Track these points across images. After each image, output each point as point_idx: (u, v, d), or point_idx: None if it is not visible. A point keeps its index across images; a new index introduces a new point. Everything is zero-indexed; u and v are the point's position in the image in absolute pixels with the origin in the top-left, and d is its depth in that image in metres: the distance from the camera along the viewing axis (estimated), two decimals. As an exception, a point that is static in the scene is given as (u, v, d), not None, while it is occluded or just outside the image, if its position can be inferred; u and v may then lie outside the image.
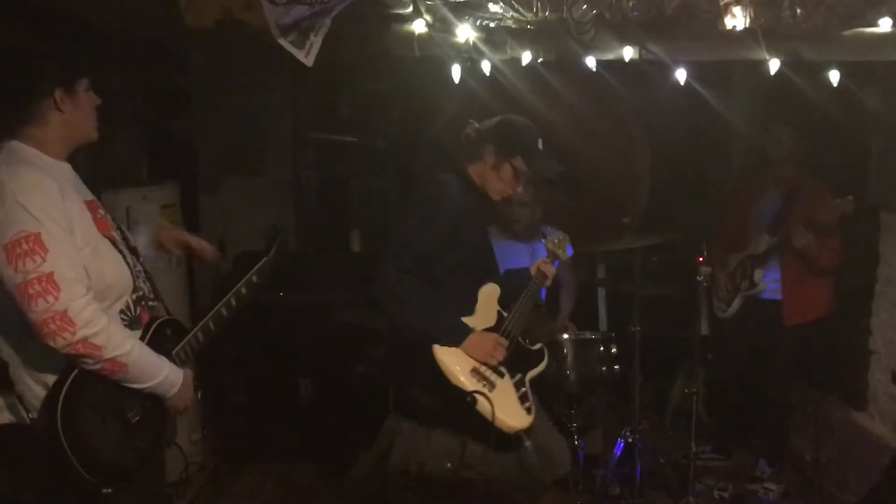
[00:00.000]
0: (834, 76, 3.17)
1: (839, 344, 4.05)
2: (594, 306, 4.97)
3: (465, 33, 2.98)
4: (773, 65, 3.03)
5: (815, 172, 3.99)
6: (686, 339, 4.05)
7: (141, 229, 2.66)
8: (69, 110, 2.08)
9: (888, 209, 3.69)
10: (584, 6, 2.88)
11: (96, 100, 2.16)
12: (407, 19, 3.00)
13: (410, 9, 2.94)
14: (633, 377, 3.69)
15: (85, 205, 2.11)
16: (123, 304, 2.18)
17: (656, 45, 3.03)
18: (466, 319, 2.79)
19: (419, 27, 3.00)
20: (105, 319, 1.97)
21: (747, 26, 2.90)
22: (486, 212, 3.14)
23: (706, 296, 4.17)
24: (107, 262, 2.12)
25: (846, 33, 2.97)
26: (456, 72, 3.13)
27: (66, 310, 1.90)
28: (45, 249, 1.90)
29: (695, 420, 3.74)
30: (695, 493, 3.71)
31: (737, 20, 2.88)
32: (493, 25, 3.01)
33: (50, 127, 2.07)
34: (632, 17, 2.91)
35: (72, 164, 2.17)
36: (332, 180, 5.29)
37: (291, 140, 4.93)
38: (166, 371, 2.14)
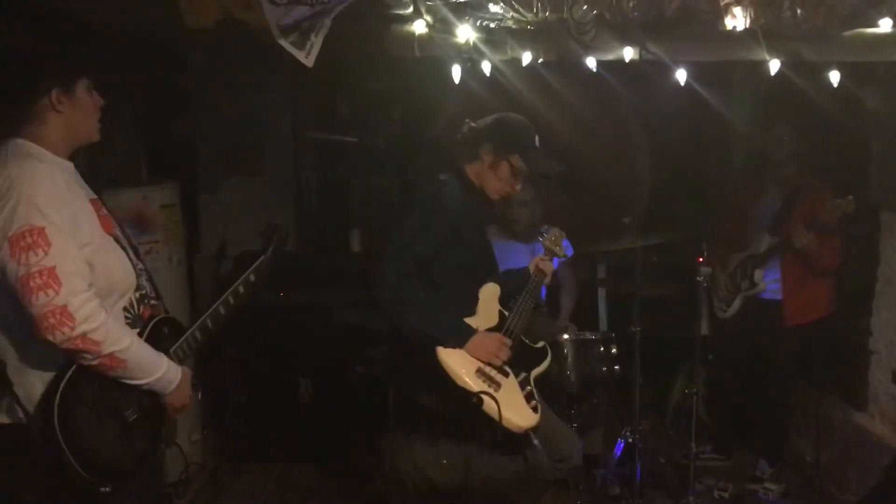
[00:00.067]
0: (834, 77, 3.17)
1: (839, 344, 4.05)
2: (594, 306, 4.97)
3: (466, 34, 2.98)
4: (774, 65, 3.02)
5: (816, 172, 4.00)
6: (686, 340, 4.04)
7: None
8: (67, 110, 2.07)
9: (888, 209, 3.69)
10: (585, 7, 2.88)
11: (100, 101, 2.16)
12: (407, 20, 3.00)
13: (411, 9, 2.93)
14: (634, 377, 3.69)
15: (89, 202, 2.12)
16: (127, 302, 2.18)
17: (656, 46, 3.02)
18: (468, 320, 2.79)
19: (419, 27, 3.00)
20: (104, 315, 1.97)
21: (747, 27, 2.89)
22: (486, 211, 3.13)
23: (706, 296, 4.18)
24: (111, 260, 2.13)
25: (846, 34, 2.97)
26: (456, 72, 3.13)
27: (67, 304, 1.89)
28: (49, 244, 1.90)
29: (695, 420, 3.74)
30: (695, 494, 3.71)
31: (737, 21, 2.88)
32: (494, 26, 3.01)
33: (49, 126, 2.07)
34: (632, 18, 2.91)
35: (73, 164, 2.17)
36: (332, 180, 5.28)
37: (291, 140, 4.92)
38: (164, 367, 2.14)
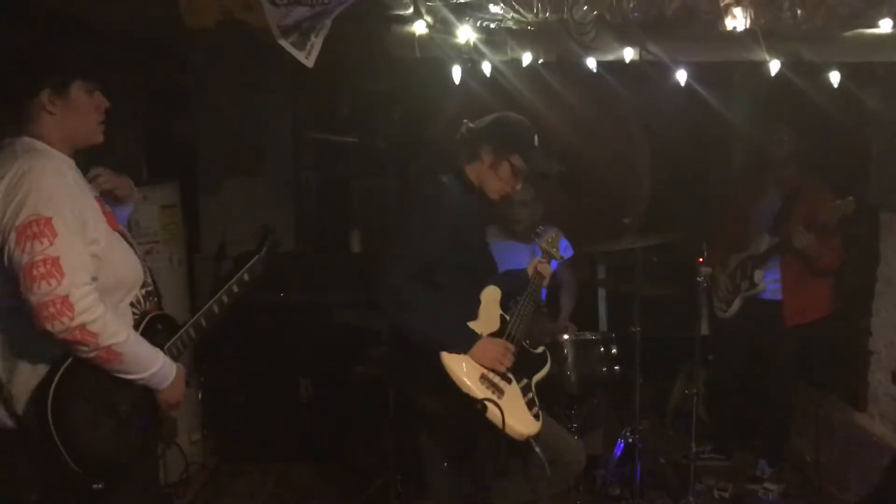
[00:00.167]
0: (834, 77, 3.17)
1: (839, 344, 4.05)
2: (594, 307, 4.97)
3: (466, 34, 2.98)
4: (774, 66, 3.03)
5: (816, 173, 3.99)
6: (686, 340, 4.04)
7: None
8: (61, 112, 2.07)
9: (888, 209, 3.70)
10: (585, 7, 2.87)
11: (104, 103, 2.15)
12: (407, 20, 3.00)
13: (411, 10, 2.93)
14: (634, 377, 3.69)
15: (95, 200, 2.14)
16: (133, 298, 2.20)
17: (657, 46, 3.02)
18: (471, 324, 2.76)
19: (420, 28, 2.99)
20: (102, 308, 1.97)
21: (748, 27, 2.89)
22: (486, 211, 3.12)
23: (706, 296, 4.18)
24: (120, 255, 2.15)
25: (846, 34, 2.97)
26: (456, 73, 3.13)
27: (68, 295, 1.89)
28: (55, 234, 1.91)
29: (695, 420, 3.74)
30: (695, 494, 3.71)
31: (737, 21, 2.87)
32: (494, 26, 3.01)
33: (47, 126, 2.07)
34: (632, 18, 2.90)
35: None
36: (332, 180, 5.28)
37: (291, 140, 4.93)
38: (160, 362, 2.14)
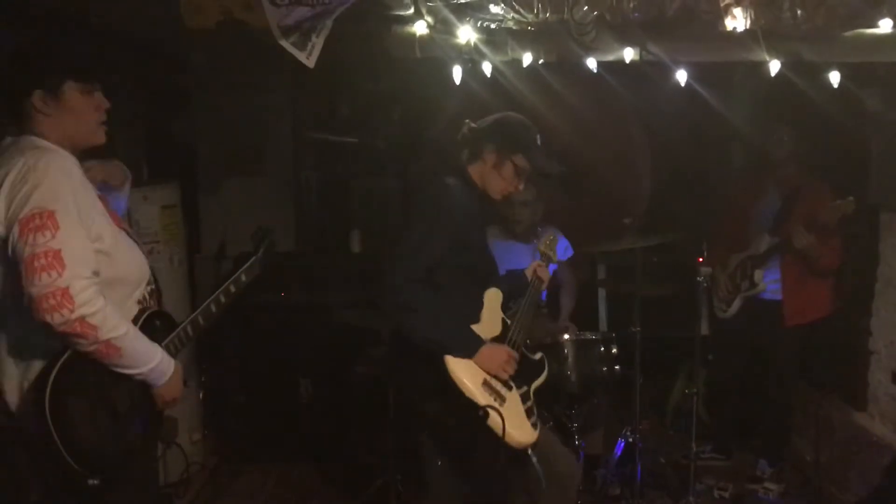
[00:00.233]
0: (834, 77, 3.18)
1: (839, 344, 4.05)
2: (595, 307, 4.97)
3: (466, 34, 2.98)
4: (774, 66, 3.03)
5: (816, 173, 4.00)
6: (686, 340, 4.05)
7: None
8: (54, 112, 2.07)
9: (888, 209, 3.70)
10: (585, 7, 2.88)
11: (104, 102, 2.15)
12: (408, 20, 3.00)
13: (411, 10, 2.93)
14: (634, 377, 3.69)
15: (98, 198, 2.15)
16: (140, 295, 2.21)
17: (657, 47, 3.03)
18: (474, 327, 2.74)
19: (420, 28, 3.00)
20: (102, 301, 1.96)
21: (748, 27, 2.89)
22: (488, 212, 3.12)
23: (706, 296, 4.18)
24: (126, 252, 2.16)
25: (847, 34, 2.97)
26: (457, 73, 3.13)
27: (68, 287, 1.89)
28: (57, 227, 1.91)
29: (695, 420, 3.75)
30: (695, 493, 3.72)
31: (737, 21, 2.88)
32: (494, 27, 3.01)
33: (45, 126, 2.08)
34: (632, 19, 2.91)
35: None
36: (332, 180, 5.28)
37: (291, 140, 4.92)
38: (159, 357, 2.14)
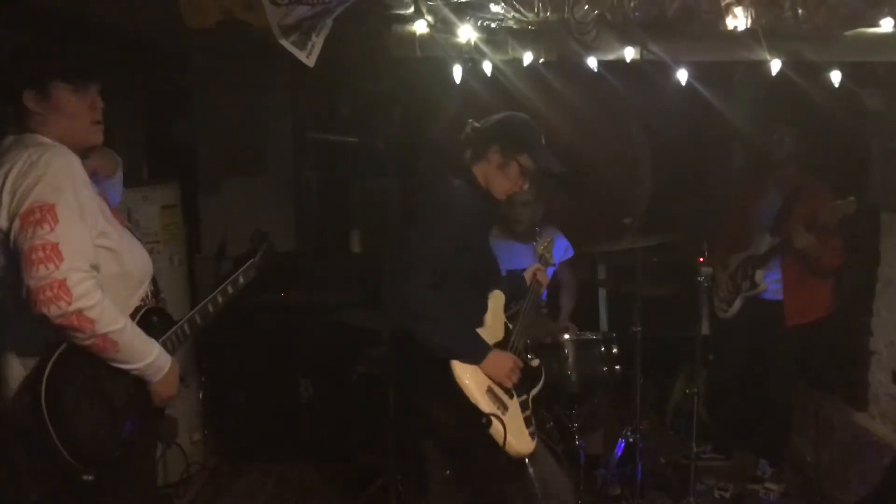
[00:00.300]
0: (835, 77, 3.17)
1: (840, 344, 4.05)
2: (595, 307, 4.97)
3: (467, 34, 2.97)
4: (775, 65, 3.02)
5: (816, 173, 3.99)
6: (687, 340, 4.04)
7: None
8: (45, 112, 2.07)
9: (888, 209, 3.70)
10: (586, 7, 2.87)
11: (99, 103, 2.15)
12: (408, 20, 3.00)
13: (412, 9, 2.92)
14: (634, 377, 3.68)
15: (100, 196, 2.16)
16: (143, 293, 2.22)
17: (657, 46, 3.02)
18: (479, 331, 2.72)
19: (420, 28, 2.99)
20: (100, 294, 1.97)
21: (748, 27, 2.89)
22: (492, 212, 3.11)
23: (707, 296, 4.18)
24: (130, 249, 2.17)
25: (847, 34, 2.97)
26: (457, 72, 3.12)
27: (66, 279, 1.90)
28: (57, 221, 1.92)
29: (695, 420, 3.75)
30: (695, 494, 3.71)
31: (738, 21, 2.87)
32: (495, 26, 3.01)
33: (42, 126, 2.07)
34: (633, 18, 2.90)
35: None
36: (332, 181, 5.27)
37: (291, 140, 4.92)
38: (155, 353, 2.14)
